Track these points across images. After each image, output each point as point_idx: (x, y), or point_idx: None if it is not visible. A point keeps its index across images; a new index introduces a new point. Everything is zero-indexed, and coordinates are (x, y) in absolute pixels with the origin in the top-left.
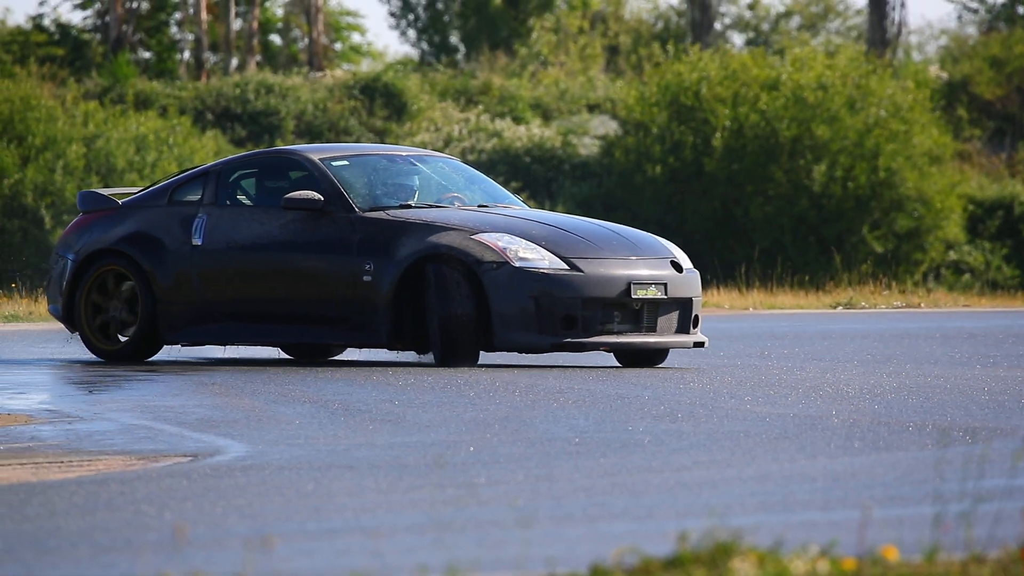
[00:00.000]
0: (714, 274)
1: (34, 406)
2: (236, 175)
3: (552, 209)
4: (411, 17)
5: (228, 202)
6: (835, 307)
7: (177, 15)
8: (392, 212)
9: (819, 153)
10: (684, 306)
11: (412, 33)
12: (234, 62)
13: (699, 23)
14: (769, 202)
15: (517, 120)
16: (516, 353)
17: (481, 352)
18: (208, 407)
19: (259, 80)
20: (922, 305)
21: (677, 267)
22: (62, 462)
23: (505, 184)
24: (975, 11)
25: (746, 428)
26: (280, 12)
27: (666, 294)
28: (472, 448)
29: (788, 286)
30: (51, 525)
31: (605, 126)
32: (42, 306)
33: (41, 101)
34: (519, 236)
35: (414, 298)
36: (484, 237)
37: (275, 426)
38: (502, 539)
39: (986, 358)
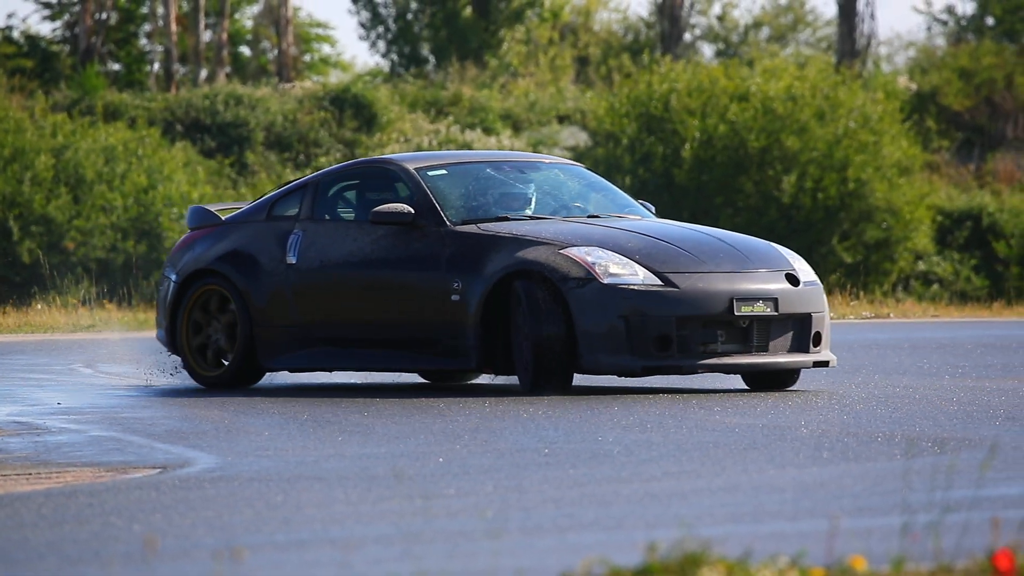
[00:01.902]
0: None
1: (2, 418)
2: (332, 187)
3: None
4: (381, 28)
5: (325, 216)
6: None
7: (146, 27)
8: (484, 225)
9: (788, 164)
10: (801, 323)
11: (382, 44)
12: (203, 73)
13: (669, 34)
14: (738, 213)
15: (487, 131)
16: (613, 376)
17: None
18: (177, 418)
19: (228, 91)
20: (891, 315)
21: (793, 280)
22: (30, 474)
23: None
24: (944, 22)
25: (715, 439)
26: (250, 24)
27: (776, 310)
28: (441, 459)
29: None
30: (19, 537)
31: (575, 137)
32: (11, 317)
33: (9, 112)
34: (612, 250)
35: (503, 318)
36: (573, 252)
37: (244, 437)
38: (471, 550)
39: (955, 368)
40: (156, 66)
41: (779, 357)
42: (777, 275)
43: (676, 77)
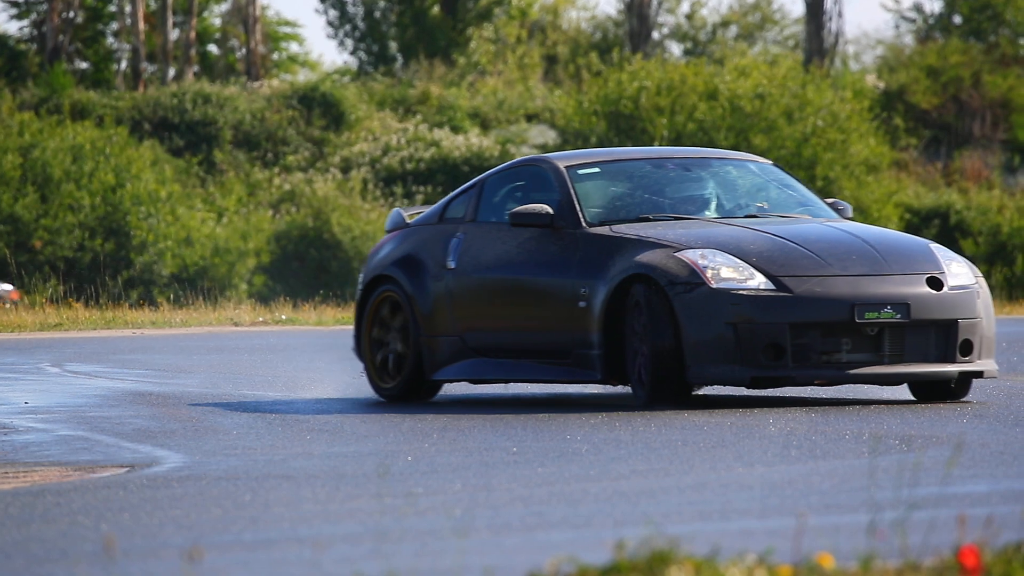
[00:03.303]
0: None
1: None
2: (492, 188)
3: None
4: (349, 27)
5: (488, 219)
6: None
7: (114, 25)
8: (617, 227)
9: None
10: (945, 330)
11: (350, 42)
12: (171, 72)
13: (637, 33)
14: None
15: (455, 129)
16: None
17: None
18: (145, 417)
19: (196, 90)
20: None
21: (935, 284)
22: None
23: (442, 194)
24: (912, 21)
25: (684, 436)
26: (218, 22)
27: (908, 316)
28: (410, 458)
29: None
30: None
31: (543, 135)
32: None
33: None
34: (732, 252)
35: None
36: (686, 254)
37: (212, 436)
38: (440, 548)
39: None
40: (124, 65)
41: (914, 367)
42: (915, 279)
43: (646, 75)
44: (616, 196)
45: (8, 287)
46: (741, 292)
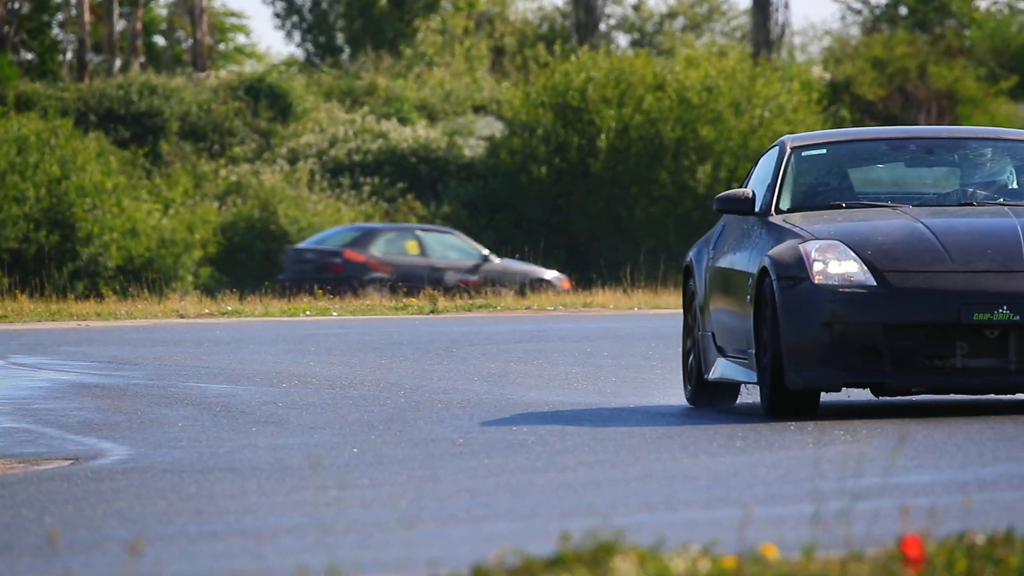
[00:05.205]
0: (599, 275)
1: None
2: (757, 169)
3: (436, 211)
4: (296, 18)
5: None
6: None
7: (60, 16)
8: (793, 215)
9: (704, 154)
10: None
11: (297, 34)
12: (117, 63)
13: (584, 24)
14: (654, 203)
15: (403, 121)
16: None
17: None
18: (90, 410)
19: (143, 81)
20: None
21: None
22: None
23: (390, 185)
24: (858, 12)
25: (630, 428)
26: (164, 13)
27: None
28: (356, 450)
29: (673, 286)
30: None
31: (491, 127)
32: None
33: None
34: (855, 244)
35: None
36: (807, 246)
37: (157, 429)
38: (385, 540)
39: None
40: (69, 55)
41: None
42: None
43: (593, 67)
44: (827, 180)
45: None
46: (840, 289)
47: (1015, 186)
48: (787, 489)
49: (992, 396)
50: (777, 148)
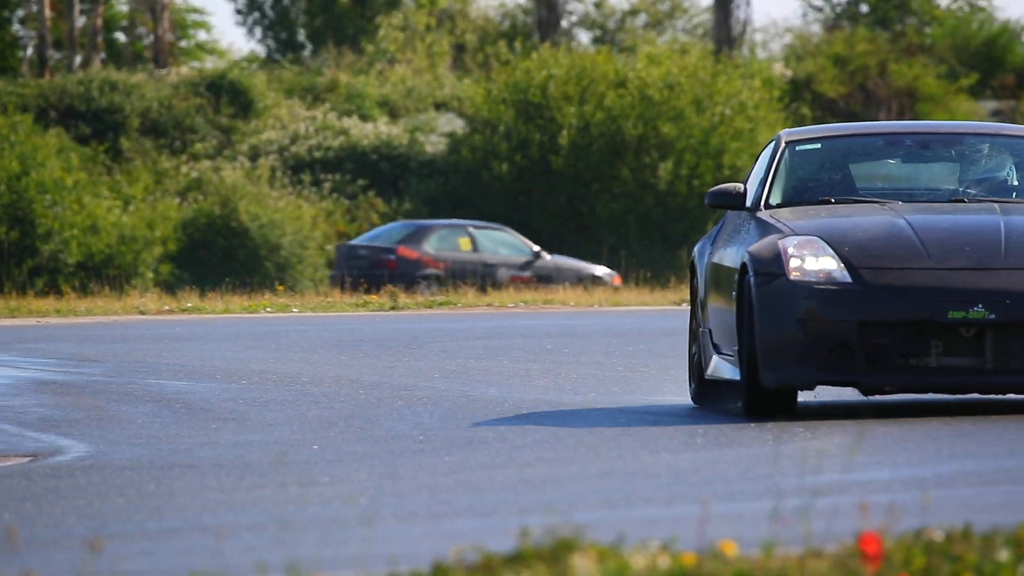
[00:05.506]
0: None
1: None
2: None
3: (397, 208)
4: (257, 14)
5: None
6: (680, 304)
7: (20, 12)
8: (781, 211)
9: (665, 151)
10: None
11: (258, 30)
12: (78, 59)
13: (546, 21)
14: (615, 200)
15: (364, 118)
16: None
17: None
18: (49, 406)
19: (103, 77)
20: None
21: None
22: None
23: (351, 182)
24: (819, 9)
25: (590, 425)
26: (125, 9)
27: (1005, 318)
28: (316, 446)
29: (633, 283)
30: None
31: (452, 124)
32: None
33: None
34: (833, 240)
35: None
36: (785, 242)
37: (117, 425)
38: (344, 537)
39: None
40: (29, 51)
41: (1020, 377)
42: None
43: (554, 63)
44: (819, 175)
45: None
46: (816, 285)
47: (1015, 182)
48: (747, 486)
49: (967, 396)
50: (774, 142)
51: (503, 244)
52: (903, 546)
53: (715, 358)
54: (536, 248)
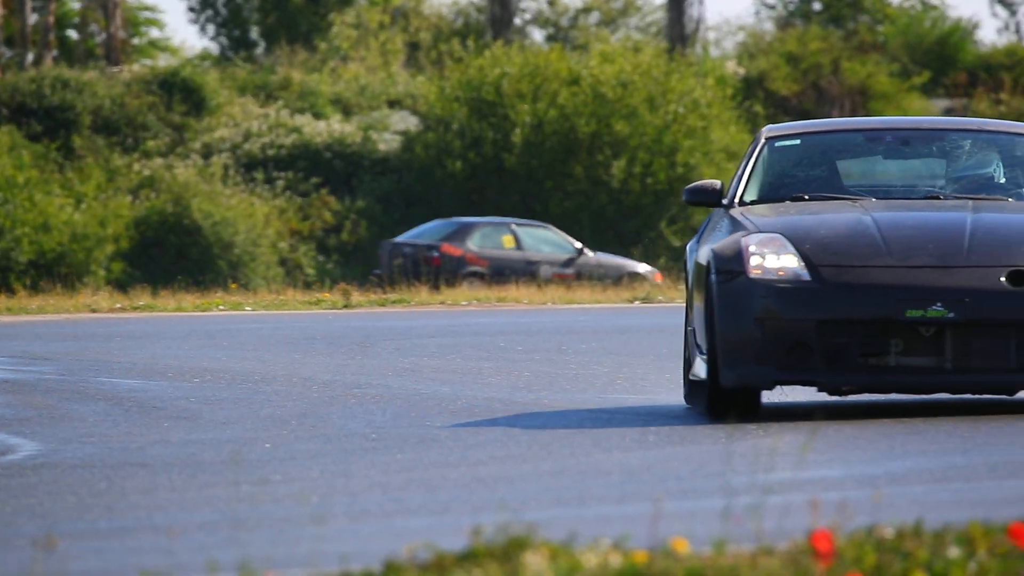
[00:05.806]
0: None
1: None
2: None
3: (351, 205)
4: (210, 11)
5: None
6: (632, 301)
7: None
8: (752, 208)
9: (618, 149)
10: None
11: (211, 28)
12: (30, 57)
13: (499, 18)
14: (568, 197)
15: (317, 115)
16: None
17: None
18: (0, 405)
19: (55, 75)
20: None
21: (1018, 279)
22: None
23: (304, 180)
24: (772, 7)
25: (543, 422)
26: (77, 6)
27: (964, 317)
28: (268, 445)
29: (586, 280)
30: None
31: (405, 121)
32: None
33: None
34: (795, 237)
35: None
36: (747, 239)
37: (68, 424)
38: (296, 536)
39: None
40: None
41: (980, 376)
42: (991, 272)
43: (507, 61)
44: (796, 172)
45: None
46: (774, 284)
47: (1002, 179)
48: (699, 484)
49: (927, 396)
50: (756, 138)
51: (546, 241)
52: (855, 543)
53: (698, 358)
54: (579, 245)
